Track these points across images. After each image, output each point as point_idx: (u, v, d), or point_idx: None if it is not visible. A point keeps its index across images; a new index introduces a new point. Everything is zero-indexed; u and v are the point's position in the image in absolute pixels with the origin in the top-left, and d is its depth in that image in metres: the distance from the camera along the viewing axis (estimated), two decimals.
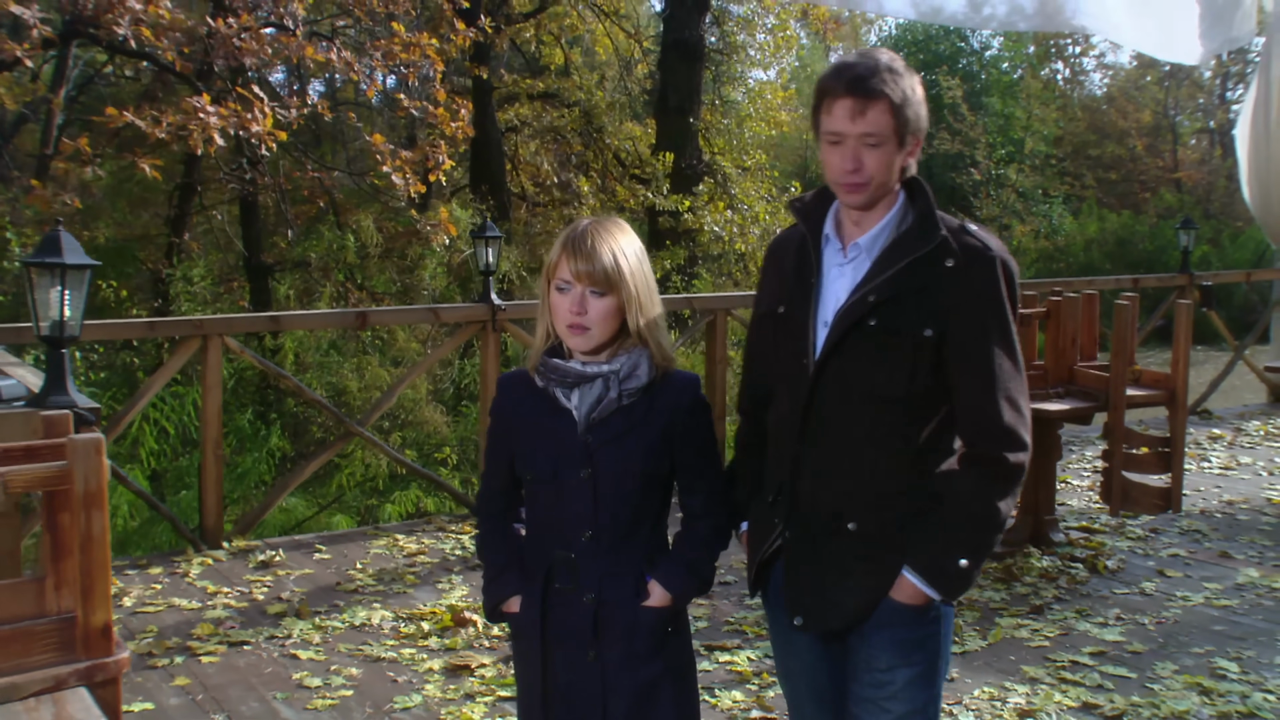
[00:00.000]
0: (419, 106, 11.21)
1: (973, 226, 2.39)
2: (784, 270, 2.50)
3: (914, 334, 2.32)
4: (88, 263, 3.31)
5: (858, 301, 2.33)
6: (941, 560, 2.34)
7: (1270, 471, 7.89)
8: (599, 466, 2.40)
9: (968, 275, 2.32)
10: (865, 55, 2.32)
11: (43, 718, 2.27)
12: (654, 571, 2.45)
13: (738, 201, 18.14)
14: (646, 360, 2.42)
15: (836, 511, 2.39)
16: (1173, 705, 4.18)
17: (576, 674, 2.44)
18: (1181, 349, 5.64)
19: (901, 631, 2.40)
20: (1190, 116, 39.58)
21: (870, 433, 2.36)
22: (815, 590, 2.42)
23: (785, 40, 20.35)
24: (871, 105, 2.27)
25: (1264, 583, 5.54)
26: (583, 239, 2.36)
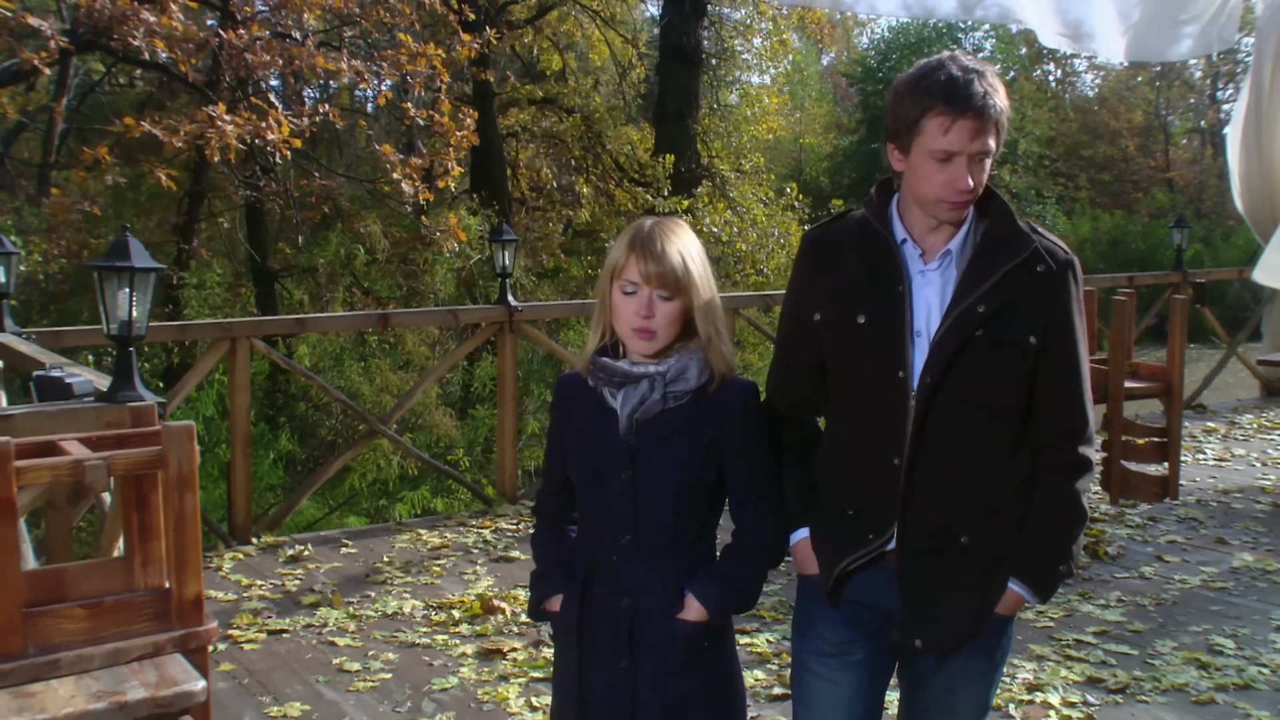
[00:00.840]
0: (425, 115, 11.43)
1: (1041, 229, 2.37)
2: (847, 273, 2.38)
3: (1020, 343, 2.29)
4: (154, 266, 3.52)
5: (965, 312, 2.28)
6: (1046, 569, 2.36)
7: (1263, 462, 8.13)
8: (641, 469, 2.35)
9: (1058, 280, 2.31)
10: (969, 72, 2.25)
11: (148, 679, 2.48)
12: (692, 585, 2.38)
13: (736, 204, 18.39)
14: (697, 363, 2.36)
15: (946, 526, 2.34)
16: (1172, 679, 4.41)
17: (609, 681, 2.39)
18: (1177, 343, 5.87)
19: (995, 640, 2.41)
20: (1181, 116, 39.89)
21: (978, 444, 2.33)
22: (930, 610, 2.36)
23: (781, 45, 20.60)
24: (989, 126, 2.24)
25: (1258, 566, 5.77)
26: (651, 240, 2.32)
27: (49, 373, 3.50)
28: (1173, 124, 39.31)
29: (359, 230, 14.37)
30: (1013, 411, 2.33)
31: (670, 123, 18.48)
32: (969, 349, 2.28)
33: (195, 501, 2.60)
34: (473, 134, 11.36)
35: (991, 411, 2.32)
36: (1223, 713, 4.13)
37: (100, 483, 2.51)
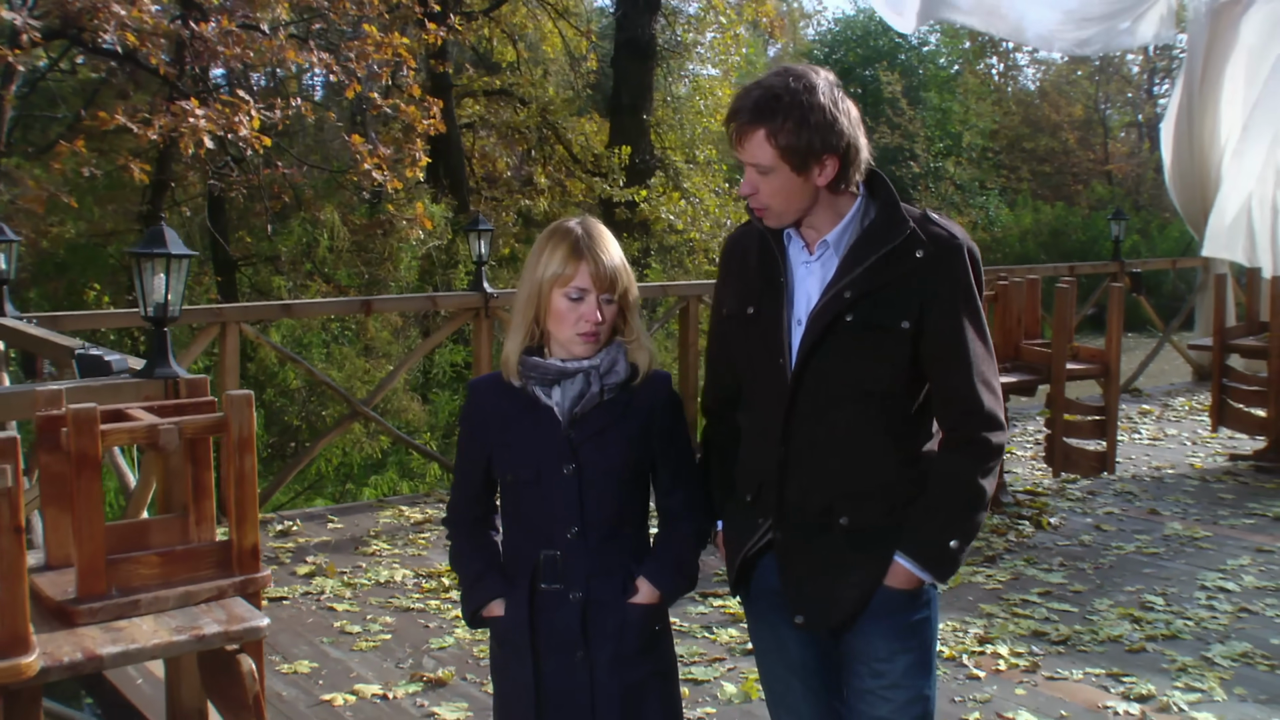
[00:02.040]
0: (391, 104, 11.69)
1: (935, 215, 2.40)
2: (746, 270, 2.46)
3: (892, 327, 2.32)
4: (188, 253, 3.82)
5: (833, 298, 2.33)
6: (933, 543, 2.36)
7: (1194, 441, 8.65)
8: (583, 462, 2.39)
9: (938, 265, 2.33)
10: (760, 81, 2.31)
11: (218, 616, 2.81)
12: (642, 569, 2.44)
13: (689, 194, 18.77)
14: (622, 356, 2.43)
15: (826, 508, 2.38)
16: (1109, 631, 4.84)
17: (565, 675, 2.41)
18: (1115, 327, 6.32)
19: (898, 618, 2.41)
20: (1119, 110, 40.72)
21: (854, 428, 2.36)
22: (814, 588, 2.41)
23: (733, 39, 20.98)
24: (747, 137, 2.28)
25: (1186, 534, 6.25)
26: (595, 247, 2.37)
27: (88, 350, 3.80)
28: (1111, 118, 40.12)
29: (319, 218, 14.60)
30: (891, 394, 2.36)
31: (625, 114, 18.84)
32: (838, 333, 2.32)
33: (253, 461, 2.94)
34: (439, 122, 11.65)
35: (865, 395, 2.35)
36: (1152, 660, 4.57)
37: (173, 444, 2.83)
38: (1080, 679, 4.39)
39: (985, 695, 4.24)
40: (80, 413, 2.71)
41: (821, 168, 2.29)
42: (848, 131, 2.29)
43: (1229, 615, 5.04)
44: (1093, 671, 4.45)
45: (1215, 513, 6.68)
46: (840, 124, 2.28)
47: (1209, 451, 8.27)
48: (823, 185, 2.32)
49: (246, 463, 2.93)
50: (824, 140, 2.26)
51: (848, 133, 2.29)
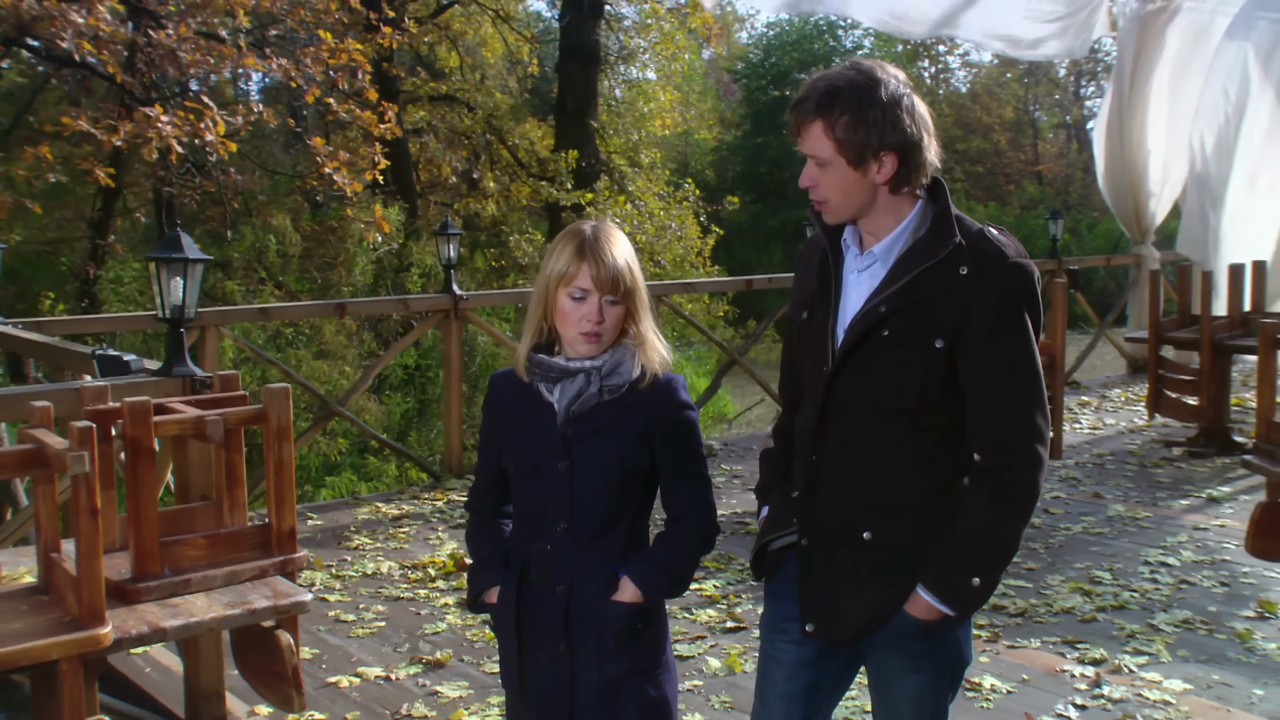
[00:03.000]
0: (346, 109, 11.84)
1: (994, 231, 2.34)
2: (809, 275, 2.48)
3: (925, 345, 2.28)
4: (204, 258, 4.03)
5: (869, 311, 2.31)
6: (956, 580, 2.31)
7: (1131, 430, 9.09)
8: (577, 460, 2.43)
9: (981, 283, 2.26)
10: (826, 74, 2.32)
11: (264, 592, 3.04)
12: (626, 567, 2.46)
13: (635, 197, 19.05)
14: (630, 358, 2.45)
15: (852, 521, 2.36)
16: (1062, 604, 5.19)
17: (548, 665, 2.47)
18: (1058, 321, 6.68)
19: (913, 643, 2.38)
20: (1048, 112, 41.64)
21: (883, 443, 2.34)
22: (828, 599, 2.40)
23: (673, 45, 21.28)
24: (806, 128, 2.29)
25: (1129, 515, 6.63)
26: (600, 248, 2.41)
27: (107, 351, 4.00)
28: (1040, 119, 41.03)
29: (270, 223, 14.69)
30: (923, 413, 2.32)
31: (570, 119, 19.07)
32: (872, 347, 2.30)
33: (291, 449, 3.16)
34: (395, 126, 11.82)
35: (895, 411, 2.32)
36: (1103, 628, 4.91)
37: (218, 434, 3.05)
38: (1038, 647, 4.72)
39: None
40: (135, 405, 2.92)
41: (880, 165, 2.27)
42: (909, 130, 2.26)
43: (1170, 587, 5.41)
44: (1049, 640, 4.79)
45: (1154, 495, 7.08)
46: (902, 122, 2.25)
47: (1145, 439, 8.70)
48: (881, 183, 2.29)
49: (285, 451, 3.16)
50: (882, 137, 2.24)
51: (909, 132, 2.26)
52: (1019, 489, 2.30)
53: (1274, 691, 4.27)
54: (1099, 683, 4.35)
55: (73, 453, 2.56)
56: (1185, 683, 4.34)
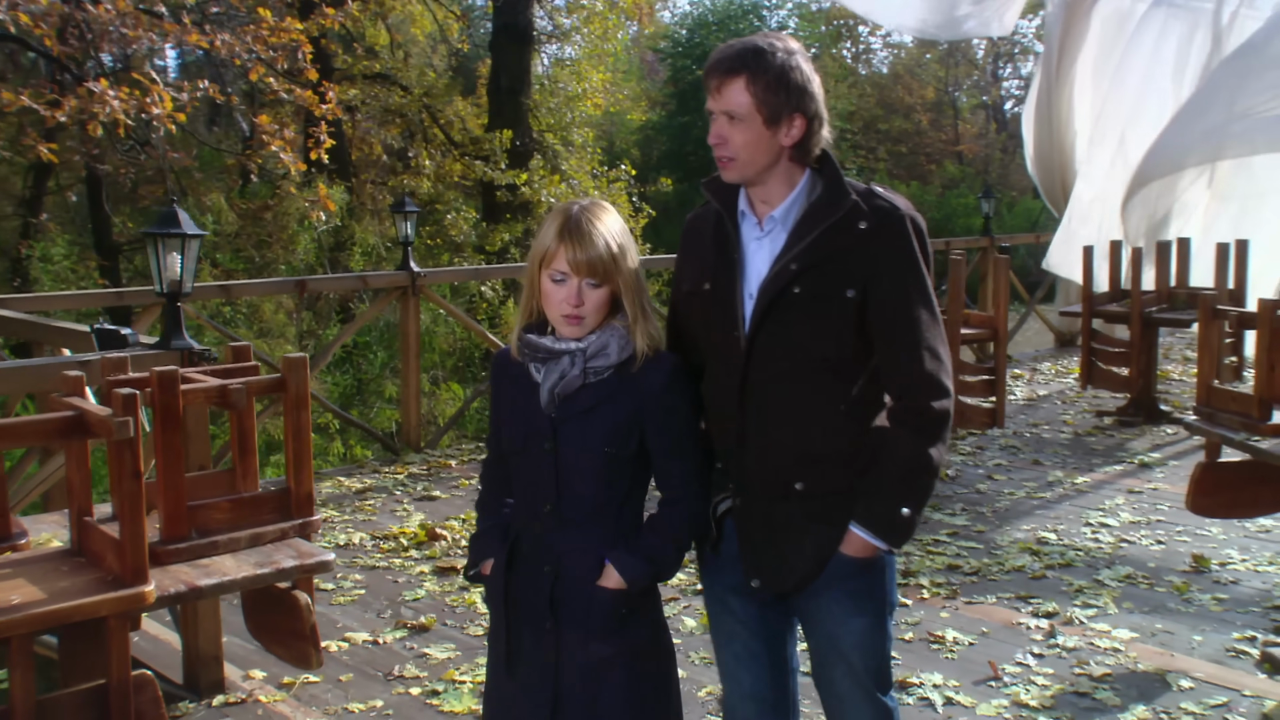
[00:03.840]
0: (287, 89, 11.81)
1: (880, 189, 2.47)
2: (703, 248, 2.55)
3: (837, 296, 2.39)
4: (199, 233, 4.12)
5: (780, 271, 2.40)
6: (886, 512, 2.42)
7: (1063, 400, 9.47)
8: (561, 441, 2.42)
9: (880, 235, 2.39)
10: (743, 38, 2.43)
11: (289, 552, 3.18)
12: (611, 554, 2.43)
13: (569, 176, 19.15)
14: (618, 340, 2.42)
15: (783, 475, 2.45)
16: (1013, 563, 5.47)
17: (535, 642, 2.47)
18: (1001, 295, 6.98)
19: (851, 582, 2.47)
20: (967, 93, 42.37)
21: (806, 396, 2.44)
22: (770, 552, 2.48)
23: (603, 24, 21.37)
24: (728, 83, 2.38)
25: (1067, 480, 6.97)
26: (580, 230, 2.38)
27: (104, 325, 4.08)
28: (960, 100, 41.73)
29: (204, 202, 14.60)
30: (842, 363, 2.43)
31: (504, 98, 19.08)
32: (786, 305, 2.40)
33: (308, 417, 3.29)
34: (336, 107, 11.83)
35: (816, 364, 2.42)
36: (1052, 584, 5.20)
37: (242, 401, 3.17)
38: (994, 603, 4.99)
39: (915, 619, 4.80)
40: (164, 374, 3.03)
41: (790, 126, 2.39)
42: (818, 100, 2.43)
43: (1111, 545, 5.72)
44: (1004, 596, 5.06)
45: (1090, 461, 7.43)
46: (813, 90, 2.41)
47: (1078, 409, 9.08)
48: (787, 146, 2.41)
49: (302, 418, 3.29)
50: (798, 100, 2.38)
51: (818, 101, 2.43)
52: (937, 420, 2.43)
53: (1211, 637, 4.58)
54: (1053, 634, 4.63)
55: (118, 418, 2.67)
56: (1132, 631, 4.64)
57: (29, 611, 2.61)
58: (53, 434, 2.85)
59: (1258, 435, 4.35)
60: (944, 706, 4.03)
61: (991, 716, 3.95)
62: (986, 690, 4.15)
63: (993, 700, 4.06)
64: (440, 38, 21.37)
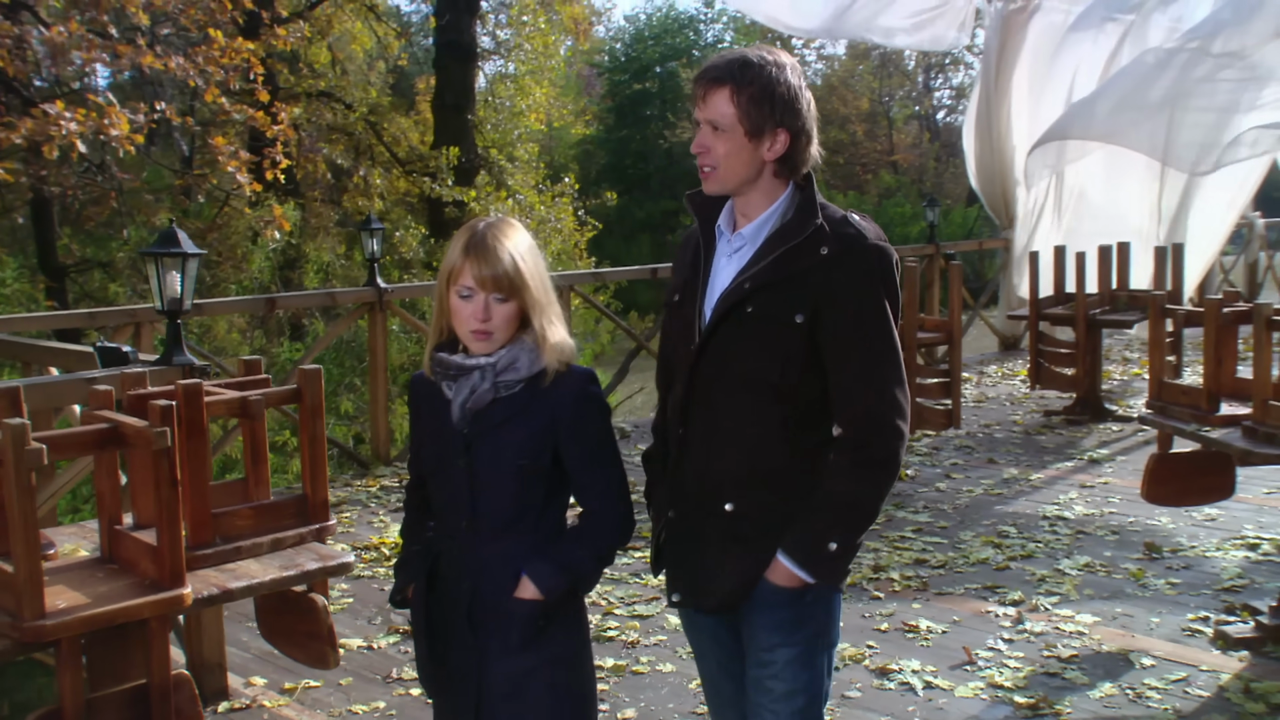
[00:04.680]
0: (239, 110, 11.86)
1: (855, 217, 2.42)
2: (684, 262, 2.57)
3: (786, 320, 2.36)
4: (198, 252, 4.24)
5: (735, 288, 2.40)
6: (813, 544, 2.37)
7: (1011, 401, 9.78)
8: (475, 457, 2.42)
9: (841, 262, 2.35)
10: (734, 49, 2.42)
11: (309, 556, 3.32)
12: (527, 566, 2.42)
13: (515, 191, 19.31)
14: (528, 354, 2.42)
15: (715, 492, 2.43)
16: (977, 555, 5.72)
17: (459, 658, 2.47)
18: (955, 300, 7.24)
19: (780, 612, 2.42)
20: (900, 104, 43.06)
21: (746, 416, 2.41)
22: (691, 569, 2.48)
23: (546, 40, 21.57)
24: (713, 92, 2.36)
25: (1022, 477, 7.24)
26: (484, 246, 2.38)
27: (106, 344, 4.20)
28: (894, 110, 42.41)
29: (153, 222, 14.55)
30: (784, 387, 2.39)
31: (449, 114, 19.21)
32: (736, 323, 2.39)
33: (323, 426, 3.44)
34: (289, 128, 11.89)
35: (758, 385, 2.39)
36: (1016, 575, 5.45)
37: (260, 412, 3.31)
38: (962, 593, 5.23)
39: (889, 610, 5.03)
40: (189, 387, 3.17)
41: (774, 140, 2.38)
42: (804, 116, 2.40)
43: (1069, 537, 5.99)
44: (971, 587, 5.30)
45: (1042, 458, 7.72)
46: (801, 106, 2.38)
47: (1026, 409, 9.38)
48: (770, 160, 2.40)
49: (318, 427, 3.43)
50: (783, 114, 2.36)
51: (804, 117, 2.40)
52: (879, 459, 2.38)
53: (1167, 619, 4.85)
54: (1020, 620, 4.87)
55: (156, 429, 2.81)
56: (1094, 616, 4.89)
57: (78, 615, 2.74)
58: (90, 445, 2.97)
59: (1207, 426, 4.62)
60: (924, 690, 4.25)
61: (969, 698, 4.17)
62: (963, 674, 4.37)
63: (969, 683, 4.28)
64: (378, 54, 21.46)
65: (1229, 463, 4.75)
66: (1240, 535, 5.88)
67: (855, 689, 4.26)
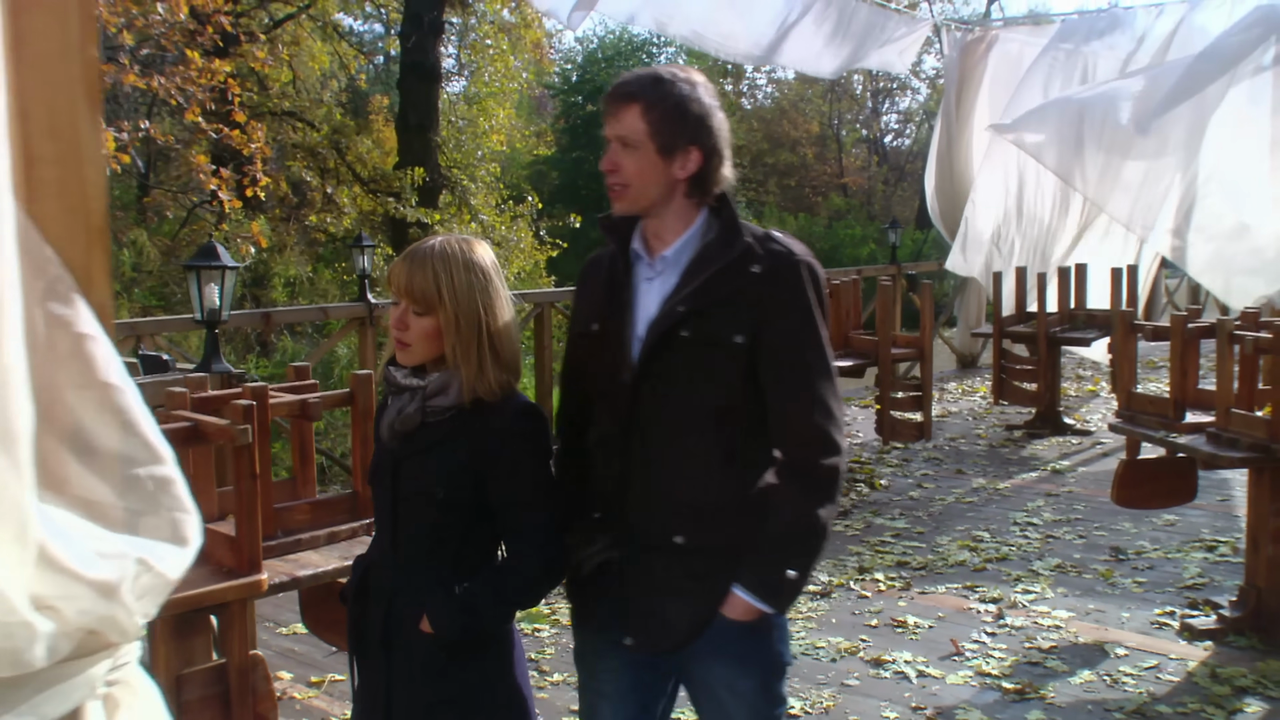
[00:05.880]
0: (215, 128, 12.05)
1: (778, 234, 2.37)
2: (596, 288, 2.46)
3: (726, 342, 2.28)
4: (236, 265, 4.48)
5: (667, 313, 2.31)
6: (770, 574, 2.30)
7: (973, 416, 10.17)
8: (400, 479, 2.37)
9: (774, 280, 2.29)
10: (647, 67, 2.40)
11: (362, 548, 3.56)
12: (430, 601, 2.32)
13: (476, 211, 19.56)
14: (459, 381, 2.32)
15: (664, 527, 2.33)
16: (955, 558, 6.05)
17: (370, 678, 2.44)
18: (927, 317, 7.60)
19: (736, 646, 2.35)
20: (849, 127, 43.79)
21: (691, 445, 2.33)
22: (646, 609, 2.37)
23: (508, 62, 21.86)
24: (624, 109, 2.29)
25: (990, 486, 7.60)
26: (415, 255, 2.33)
27: (147, 352, 4.42)
28: (843, 134, 43.13)
29: (121, 239, 14.67)
30: (730, 412, 2.32)
31: (412, 135, 19.44)
32: (673, 348, 2.30)
33: (372, 428, 3.68)
34: (265, 146, 12.09)
35: (702, 411, 2.32)
36: (994, 575, 5.79)
37: (317, 414, 3.56)
38: (944, 592, 5.55)
39: (877, 607, 5.34)
40: (257, 389, 3.41)
41: (686, 159, 2.31)
42: (717, 137, 2.33)
43: (1040, 541, 6.34)
44: (952, 586, 5.63)
45: (1008, 470, 8.09)
46: (713, 126, 2.33)
47: (989, 424, 9.77)
48: (682, 179, 2.32)
49: (368, 429, 3.68)
50: (695, 132, 2.30)
51: (717, 138, 2.33)
52: (825, 479, 2.31)
53: (1136, 614, 5.20)
54: (1001, 616, 5.20)
55: (239, 425, 3.05)
56: (1069, 611, 5.23)
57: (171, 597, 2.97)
58: (178, 442, 3.20)
59: (1175, 433, 4.98)
60: (917, 678, 4.56)
61: (960, 684, 4.49)
62: (952, 664, 4.69)
63: (959, 671, 4.60)
64: (332, 73, 21.64)
65: (1192, 467, 5.11)
66: (1199, 538, 6.26)
67: (853, 678, 4.56)
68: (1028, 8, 43.22)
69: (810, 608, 5.34)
